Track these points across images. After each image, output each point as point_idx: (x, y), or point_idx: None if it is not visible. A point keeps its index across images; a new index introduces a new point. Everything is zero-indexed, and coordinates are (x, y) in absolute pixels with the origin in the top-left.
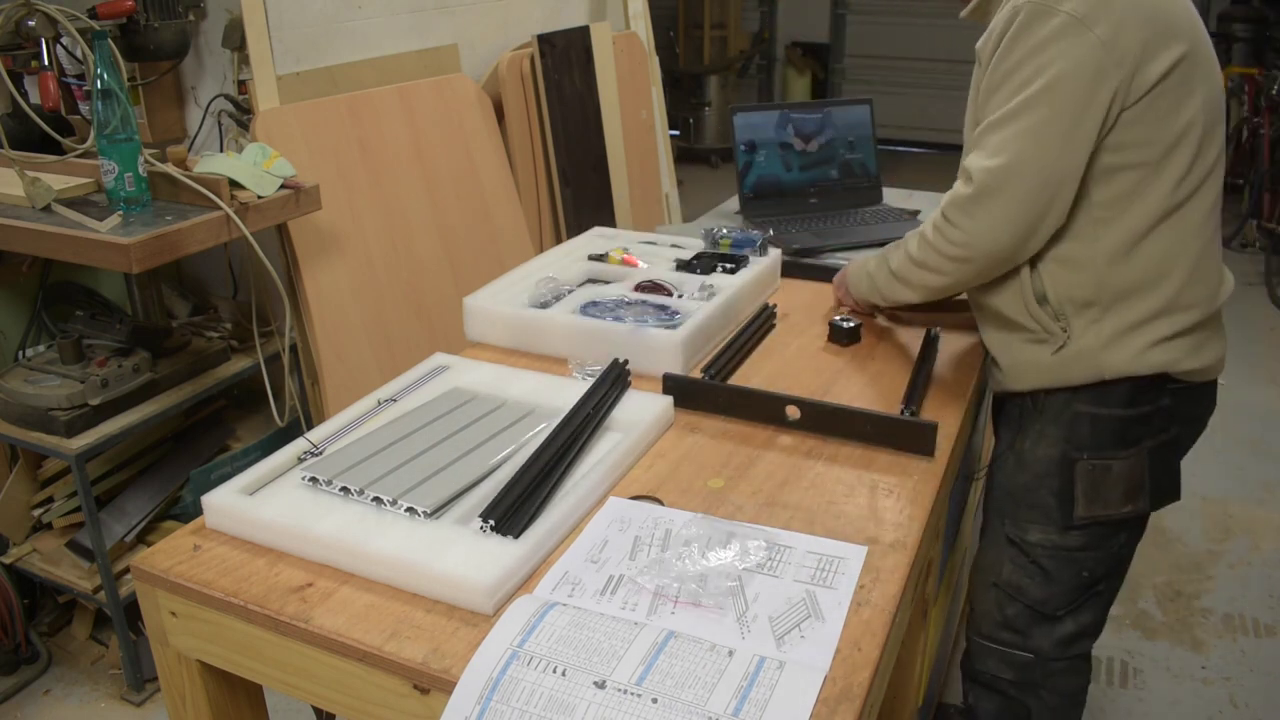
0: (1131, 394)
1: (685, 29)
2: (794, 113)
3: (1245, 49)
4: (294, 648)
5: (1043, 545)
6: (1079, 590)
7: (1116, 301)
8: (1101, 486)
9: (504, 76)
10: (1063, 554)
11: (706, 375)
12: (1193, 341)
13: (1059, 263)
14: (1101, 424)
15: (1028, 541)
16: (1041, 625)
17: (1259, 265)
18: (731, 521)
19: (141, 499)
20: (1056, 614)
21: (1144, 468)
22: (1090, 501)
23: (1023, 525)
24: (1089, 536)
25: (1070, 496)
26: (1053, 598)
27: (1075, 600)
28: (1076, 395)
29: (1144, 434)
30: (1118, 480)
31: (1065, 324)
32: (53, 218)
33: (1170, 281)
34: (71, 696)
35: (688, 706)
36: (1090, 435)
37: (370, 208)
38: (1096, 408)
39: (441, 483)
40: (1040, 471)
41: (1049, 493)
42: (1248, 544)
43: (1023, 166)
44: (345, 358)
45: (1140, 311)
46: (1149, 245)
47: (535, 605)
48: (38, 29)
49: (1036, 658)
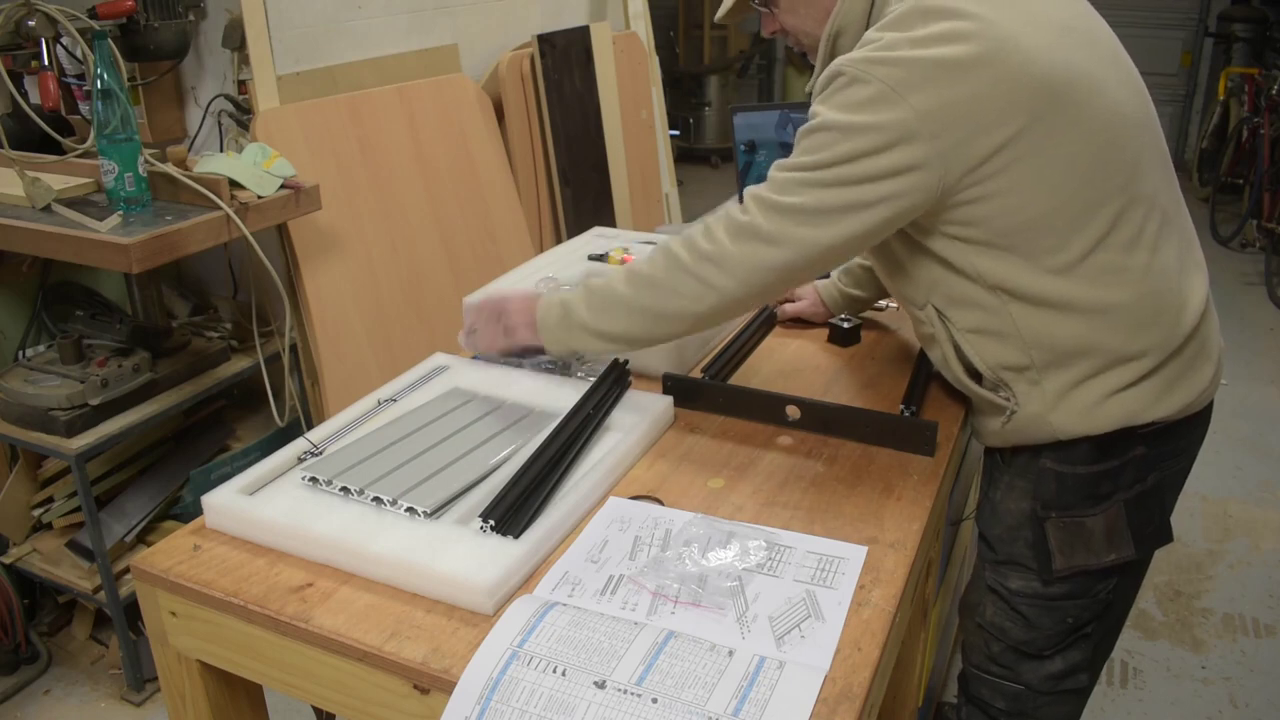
0: (1096, 451)
1: (685, 29)
2: (794, 113)
3: (1245, 49)
4: (294, 648)
5: (1023, 594)
6: (1064, 634)
7: (1051, 363)
8: (1076, 541)
9: (504, 76)
10: (1044, 602)
11: (706, 375)
12: (1155, 387)
13: (976, 333)
14: (1067, 482)
15: (1008, 589)
16: (1028, 662)
17: (1259, 265)
18: (731, 521)
19: (141, 499)
20: (1043, 654)
21: (1121, 520)
22: (1067, 555)
23: (1003, 573)
24: (1072, 585)
25: (1046, 550)
26: (1036, 640)
27: (1061, 642)
28: (1041, 452)
29: (1115, 488)
30: (1092, 534)
31: (1008, 393)
32: (53, 218)
33: (1105, 338)
34: (71, 696)
35: (688, 706)
36: (1057, 493)
37: (370, 208)
38: (1061, 465)
39: (441, 483)
40: (1012, 524)
41: (1025, 545)
42: (1247, 544)
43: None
44: (345, 358)
45: (1080, 370)
46: (1064, 304)
47: (535, 605)
48: (38, 29)
49: (1027, 689)
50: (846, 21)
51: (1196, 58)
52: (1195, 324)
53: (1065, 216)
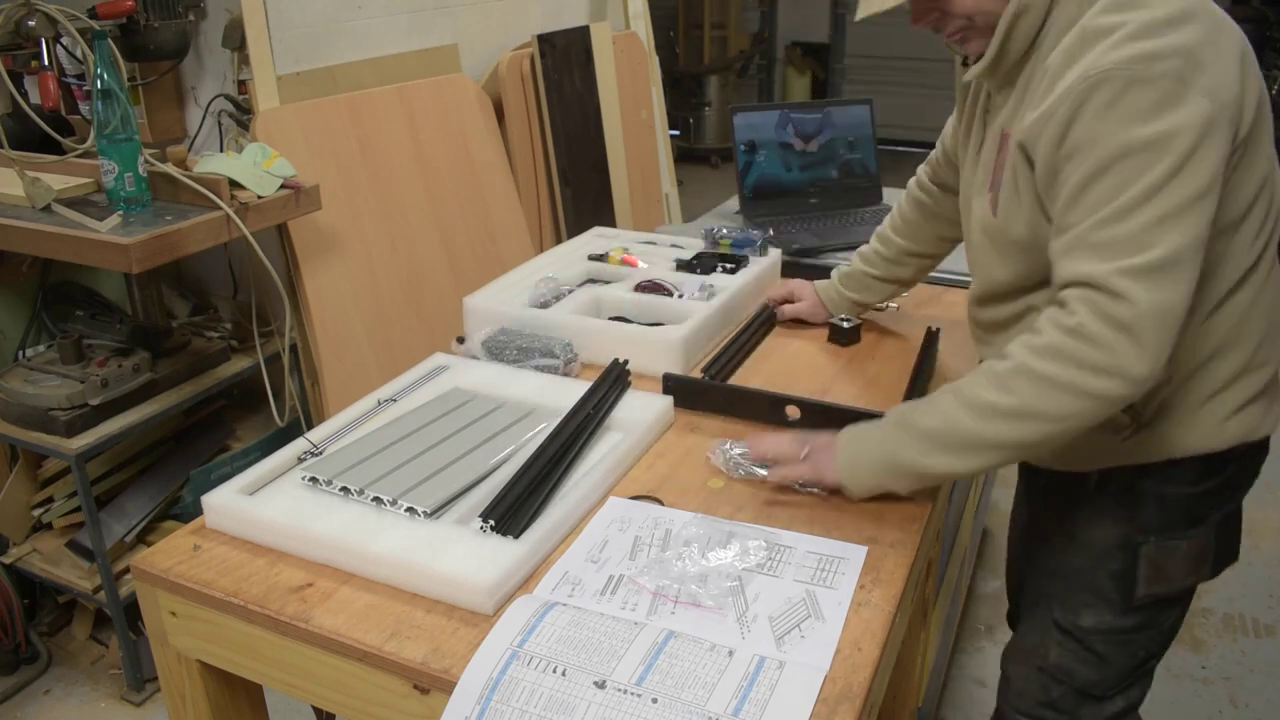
0: (1202, 470)
1: (685, 29)
2: (794, 113)
3: None
4: (294, 648)
5: (1097, 630)
6: (1132, 670)
7: (1190, 376)
8: (1166, 567)
9: (504, 76)
10: (1119, 637)
11: (706, 375)
12: (1266, 401)
13: None
14: (1169, 504)
15: (1081, 627)
16: (1089, 705)
17: None
18: (731, 521)
19: (141, 499)
20: (1107, 694)
21: (1210, 542)
22: (1151, 582)
23: (1075, 610)
24: (1145, 616)
25: (1132, 579)
26: (1105, 680)
27: (1126, 680)
28: (1142, 475)
29: (1211, 509)
30: (1184, 559)
31: (1134, 411)
32: (53, 218)
33: (1245, 344)
34: (71, 696)
35: (688, 706)
36: (1157, 517)
37: (370, 208)
38: (1164, 487)
39: (441, 483)
40: (1099, 554)
41: (1107, 576)
42: (1248, 544)
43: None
44: (345, 358)
45: (1213, 382)
46: (1225, 310)
47: (535, 605)
48: (38, 29)
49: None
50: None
51: None
52: None
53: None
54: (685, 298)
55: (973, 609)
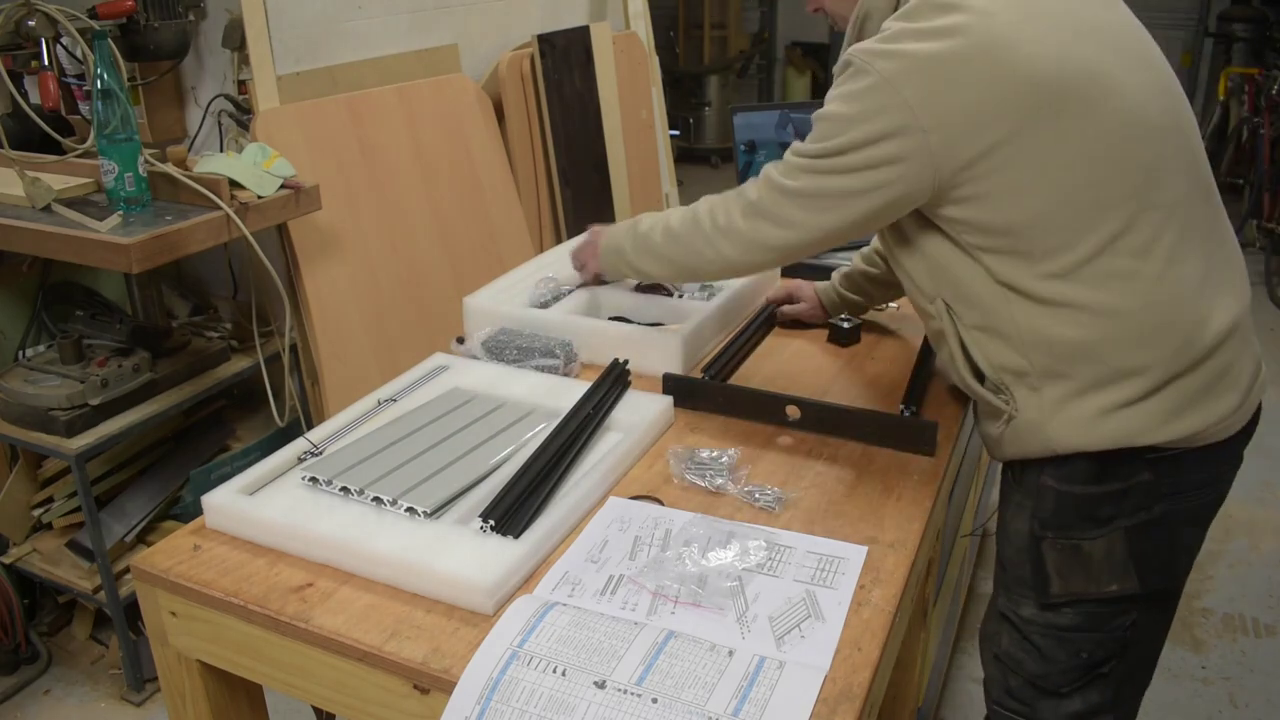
0: (1096, 469)
1: (685, 29)
2: (794, 113)
3: (1245, 49)
4: (294, 648)
5: (1034, 622)
6: (1079, 670)
7: (1051, 367)
8: (1073, 565)
9: (504, 76)
10: (1055, 632)
11: (706, 375)
12: (1160, 408)
13: (981, 330)
14: (1064, 501)
15: (1020, 616)
16: (1045, 699)
17: (1259, 265)
18: (731, 521)
19: (141, 499)
20: (1060, 690)
21: (1123, 548)
22: (1065, 581)
23: (1014, 599)
24: (1081, 616)
25: (1044, 574)
26: (1051, 675)
27: (1078, 680)
28: (1043, 468)
29: (1116, 513)
30: (1088, 560)
31: (1007, 396)
32: (53, 218)
33: (1105, 347)
34: (71, 696)
35: (688, 706)
36: (1054, 513)
37: (370, 208)
38: (1060, 484)
39: (441, 483)
40: (1020, 545)
41: (1029, 568)
42: (1247, 544)
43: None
44: (345, 358)
45: (1079, 381)
46: (1066, 306)
47: (535, 605)
48: (38, 29)
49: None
50: (873, 5)
51: (1196, 58)
52: (1214, 345)
53: (1069, 217)
54: (685, 298)
55: (973, 609)
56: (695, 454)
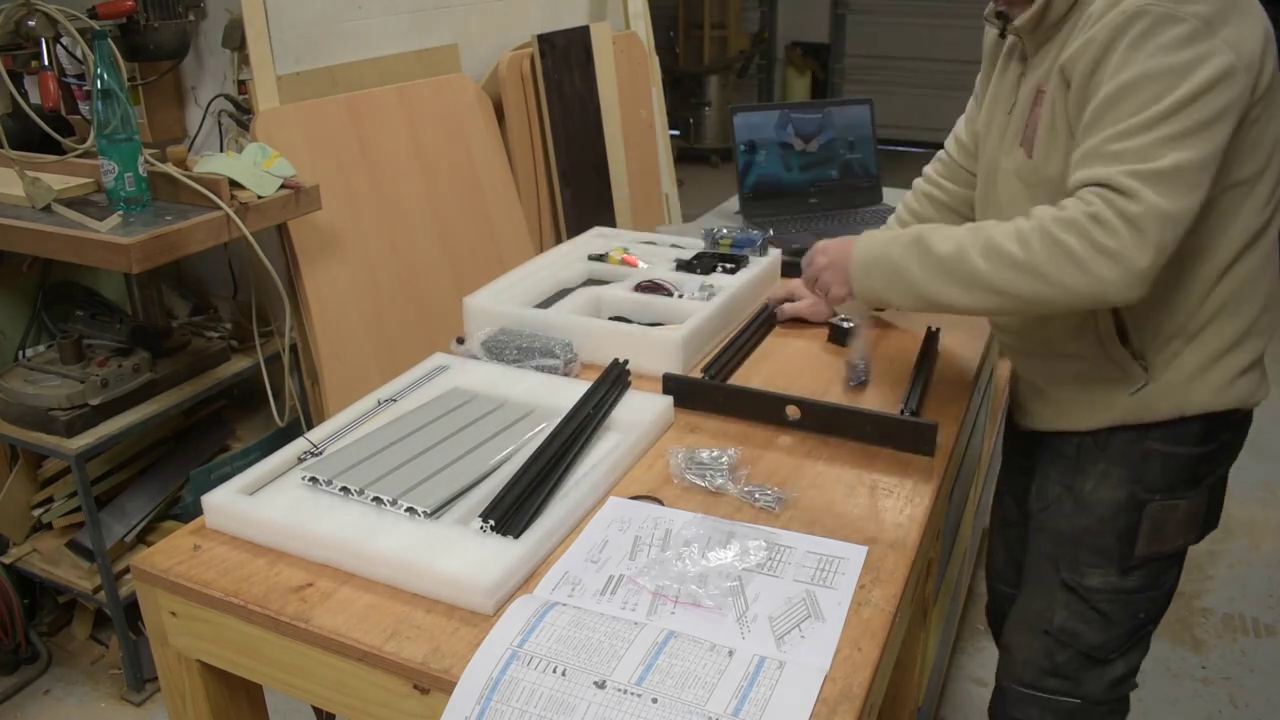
0: (1207, 430)
1: (685, 29)
2: (794, 113)
3: None
4: (294, 648)
5: (1103, 590)
6: (1134, 632)
7: (1200, 331)
8: (1166, 526)
9: (504, 76)
10: (1122, 597)
11: (706, 375)
12: (1262, 370)
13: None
14: (1174, 463)
15: (1086, 587)
16: (1093, 669)
17: None
18: (731, 521)
19: (141, 499)
20: (1109, 658)
21: (1205, 503)
22: (1150, 541)
23: (1082, 570)
24: (1145, 576)
25: (1134, 538)
26: (1109, 642)
27: (1127, 642)
28: (1148, 433)
29: (1209, 471)
30: (1181, 519)
31: (1145, 362)
32: (53, 218)
33: (1250, 308)
34: (71, 696)
35: (688, 706)
36: (1162, 475)
37: (370, 208)
38: (1170, 446)
39: (441, 483)
40: (1104, 514)
41: (1113, 535)
42: (1247, 544)
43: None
44: (345, 358)
45: (1221, 341)
46: (1236, 269)
47: (535, 605)
48: (38, 29)
49: (1083, 703)
50: None
51: None
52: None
53: (1270, 175)
54: (685, 298)
55: (973, 609)
56: (695, 454)
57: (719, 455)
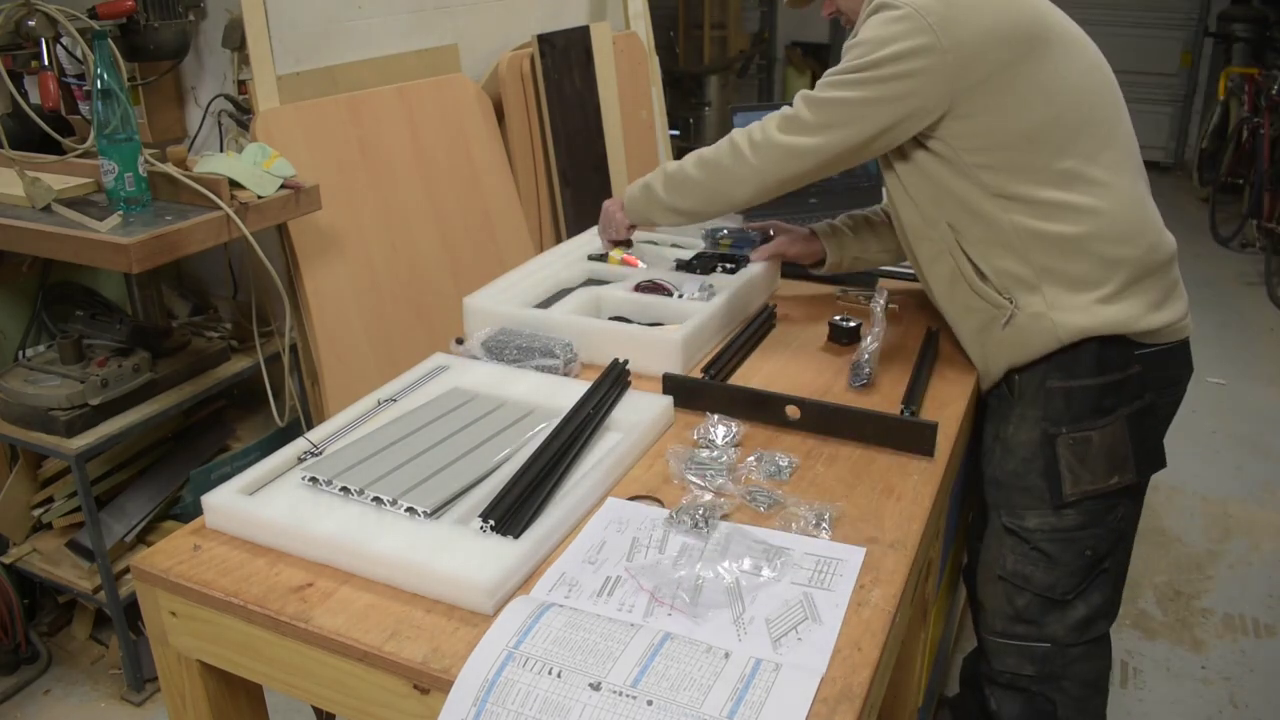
0: (1098, 360)
1: (685, 29)
2: None
3: (1245, 49)
4: (294, 648)
5: (1041, 530)
6: (1085, 570)
7: (1048, 267)
8: (1085, 459)
9: (504, 76)
10: (1061, 535)
11: (706, 375)
12: (1144, 300)
13: (983, 243)
14: (1074, 396)
15: (1026, 528)
16: (1053, 611)
17: (1259, 265)
18: (730, 523)
19: (141, 499)
20: (1066, 598)
21: (1124, 435)
22: (1076, 477)
23: (1018, 513)
24: (1084, 514)
25: (1057, 475)
26: (1059, 581)
27: (1082, 581)
28: (1048, 372)
29: (1118, 402)
30: (1099, 451)
31: (1009, 295)
32: (53, 218)
33: (1093, 243)
34: (71, 696)
35: (683, 708)
36: (1065, 408)
37: (370, 208)
38: (1067, 380)
39: (441, 483)
40: (1026, 455)
41: (1037, 475)
42: (1247, 544)
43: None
44: (345, 358)
45: (1074, 274)
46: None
47: (531, 606)
48: (38, 29)
49: (1054, 646)
50: None
51: (1196, 58)
52: (1170, 258)
53: (1060, 133)
54: (685, 298)
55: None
56: (695, 454)
57: (719, 455)
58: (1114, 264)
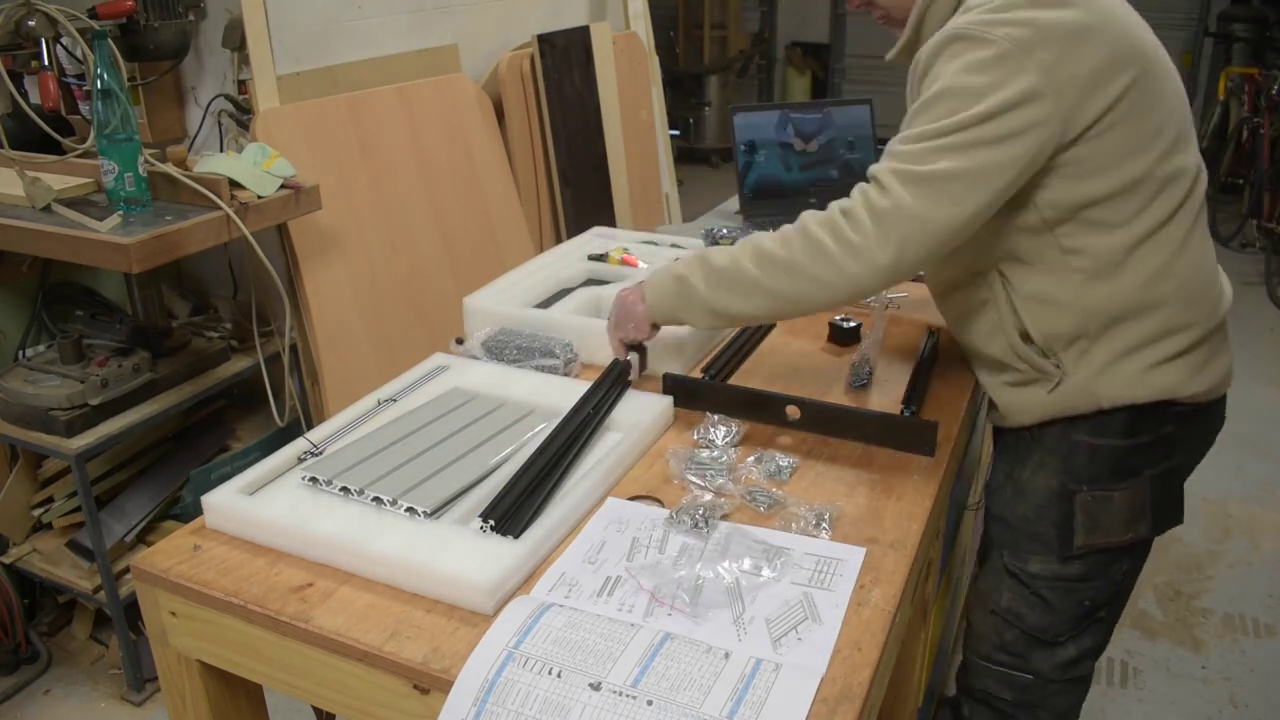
0: (1131, 423)
1: (685, 29)
2: (794, 113)
3: (1245, 49)
4: (294, 648)
5: (1042, 576)
6: (1080, 619)
7: (1105, 330)
8: (1101, 517)
9: (504, 76)
10: (1062, 584)
11: (706, 375)
12: (1194, 362)
13: (1035, 300)
14: (1100, 454)
15: (1027, 572)
16: (1041, 650)
17: (1259, 265)
18: (730, 523)
19: (141, 499)
20: (1057, 640)
21: (1146, 496)
22: (1089, 532)
23: (1022, 556)
24: (1089, 566)
25: (1070, 527)
26: (1052, 625)
27: (1076, 627)
28: (1074, 425)
29: (1144, 463)
30: (1119, 510)
31: (1056, 360)
32: (53, 218)
33: (1164, 304)
34: (71, 696)
35: (683, 709)
36: (1089, 466)
37: (370, 208)
38: (1094, 438)
39: (441, 483)
40: (1039, 502)
41: (1049, 524)
42: (1247, 544)
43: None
44: (345, 358)
45: (1132, 337)
46: (1130, 271)
47: (531, 606)
48: (38, 29)
49: (1037, 679)
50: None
51: (1196, 58)
52: (1227, 310)
53: (1146, 188)
54: None
55: None
56: (695, 454)
57: (719, 455)
58: (1179, 327)
